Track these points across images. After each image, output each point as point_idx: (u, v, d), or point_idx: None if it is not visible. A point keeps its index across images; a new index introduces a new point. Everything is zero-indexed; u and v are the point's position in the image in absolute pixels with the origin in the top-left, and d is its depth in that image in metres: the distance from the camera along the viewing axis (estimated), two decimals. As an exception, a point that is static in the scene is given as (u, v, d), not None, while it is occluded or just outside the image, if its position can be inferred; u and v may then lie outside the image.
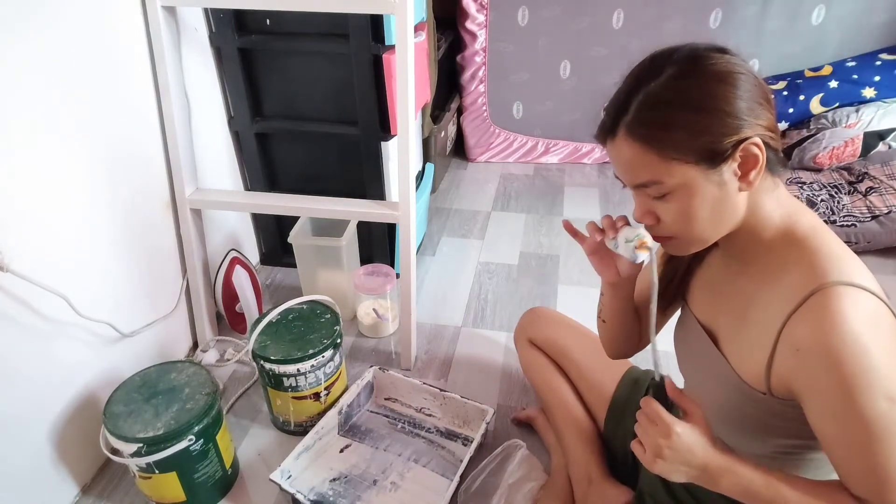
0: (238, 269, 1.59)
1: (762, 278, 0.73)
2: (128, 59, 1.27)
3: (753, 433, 0.78)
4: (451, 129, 2.51)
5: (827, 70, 2.28)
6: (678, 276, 0.90)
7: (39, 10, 1.03)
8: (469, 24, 2.33)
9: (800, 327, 0.65)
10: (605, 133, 0.70)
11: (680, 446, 0.67)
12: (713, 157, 0.64)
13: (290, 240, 1.61)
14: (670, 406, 0.71)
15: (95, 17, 1.16)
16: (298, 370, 1.24)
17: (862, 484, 0.67)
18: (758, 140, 0.64)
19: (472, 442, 1.25)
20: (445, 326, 1.68)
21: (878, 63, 2.22)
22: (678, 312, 0.94)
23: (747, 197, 0.68)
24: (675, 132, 0.64)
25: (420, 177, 1.97)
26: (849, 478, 0.68)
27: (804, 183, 2.08)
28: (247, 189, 1.79)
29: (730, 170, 0.65)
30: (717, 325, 0.81)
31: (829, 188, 2.03)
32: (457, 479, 1.15)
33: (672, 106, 0.64)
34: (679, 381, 0.99)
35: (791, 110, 2.26)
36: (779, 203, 0.71)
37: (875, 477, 0.65)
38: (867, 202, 1.93)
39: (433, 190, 2.25)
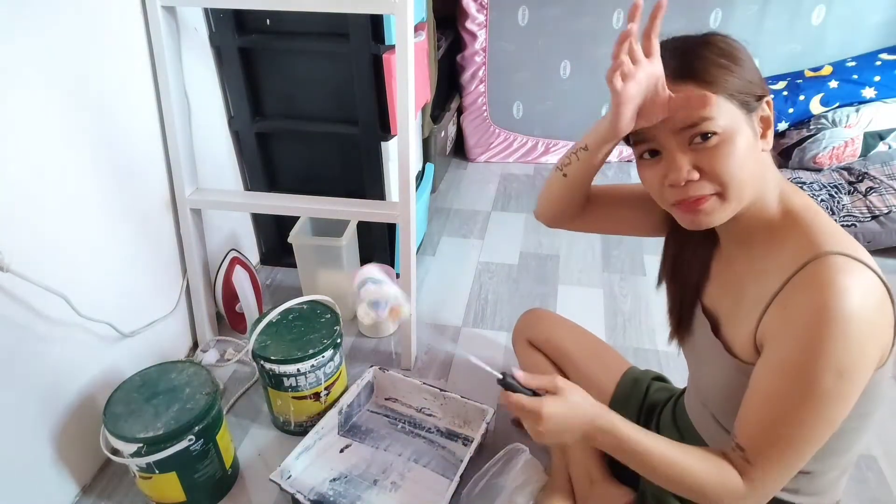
0: (238, 269, 1.59)
1: (761, 255, 0.75)
2: (128, 59, 1.27)
3: None
4: (451, 129, 2.51)
5: (827, 70, 2.28)
6: (695, 285, 0.89)
7: (39, 11, 1.03)
8: (469, 24, 2.33)
9: (792, 291, 0.68)
10: None
11: (554, 423, 0.73)
12: (748, 104, 0.68)
13: (290, 240, 1.61)
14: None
15: (95, 18, 1.16)
16: (298, 370, 1.24)
17: (754, 430, 0.70)
18: (771, 100, 0.70)
19: (472, 442, 1.25)
20: (445, 326, 1.68)
21: (878, 63, 2.22)
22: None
23: (764, 162, 0.71)
24: (720, 71, 0.67)
25: (420, 177, 1.97)
26: (747, 419, 0.71)
27: (804, 183, 2.08)
28: (247, 189, 1.79)
29: (757, 120, 0.70)
30: (719, 310, 0.84)
31: (829, 188, 2.03)
32: (457, 479, 1.15)
33: (712, 52, 0.69)
34: (681, 381, 1.00)
35: (791, 110, 2.26)
36: (777, 180, 0.74)
37: (770, 430, 0.68)
38: (867, 202, 1.93)
39: (433, 190, 2.25)
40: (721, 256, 0.84)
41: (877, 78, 2.19)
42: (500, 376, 0.76)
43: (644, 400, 1.11)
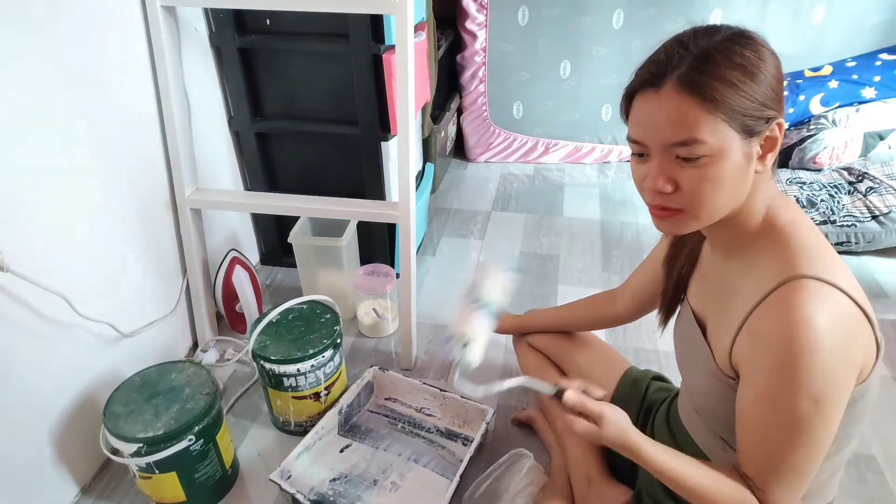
0: (238, 269, 1.59)
1: (742, 269, 0.75)
2: (128, 59, 1.27)
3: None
4: (451, 129, 2.51)
5: (827, 70, 2.28)
6: (679, 275, 0.91)
7: (38, 11, 1.03)
8: (469, 24, 2.33)
9: (762, 315, 0.68)
10: (648, 84, 0.66)
11: (583, 435, 0.79)
12: (752, 127, 0.65)
13: (290, 240, 1.61)
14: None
15: (95, 17, 1.16)
16: (298, 370, 1.24)
17: (753, 462, 0.71)
18: (783, 122, 0.66)
19: (472, 442, 1.25)
20: (445, 326, 1.68)
21: (878, 63, 2.22)
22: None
23: (752, 181, 0.69)
24: (729, 90, 0.63)
25: (420, 177, 1.97)
26: (744, 453, 0.73)
27: (804, 183, 2.08)
28: (247, 189, 1.79)
29: (756, 145, 0.66)
30: (707, 315, 0.84)
31: (829, 188, 2.03)
32: (457, 479, 1.15)
33: (729, 64, 0.63)
34: (677, 380, 1.00)
35: (791, 110, 2.26)
36: (768, 196, 0.72)
37: (766, 461, 0.69)
38: (867, 202, 1.93)
39: (433, 190, 2.25)
40: (713, 259, 0.84)
41: (877, 78, 2.19)
42: (554, 391, 0.85)
43: (643, 400, 1.11)
